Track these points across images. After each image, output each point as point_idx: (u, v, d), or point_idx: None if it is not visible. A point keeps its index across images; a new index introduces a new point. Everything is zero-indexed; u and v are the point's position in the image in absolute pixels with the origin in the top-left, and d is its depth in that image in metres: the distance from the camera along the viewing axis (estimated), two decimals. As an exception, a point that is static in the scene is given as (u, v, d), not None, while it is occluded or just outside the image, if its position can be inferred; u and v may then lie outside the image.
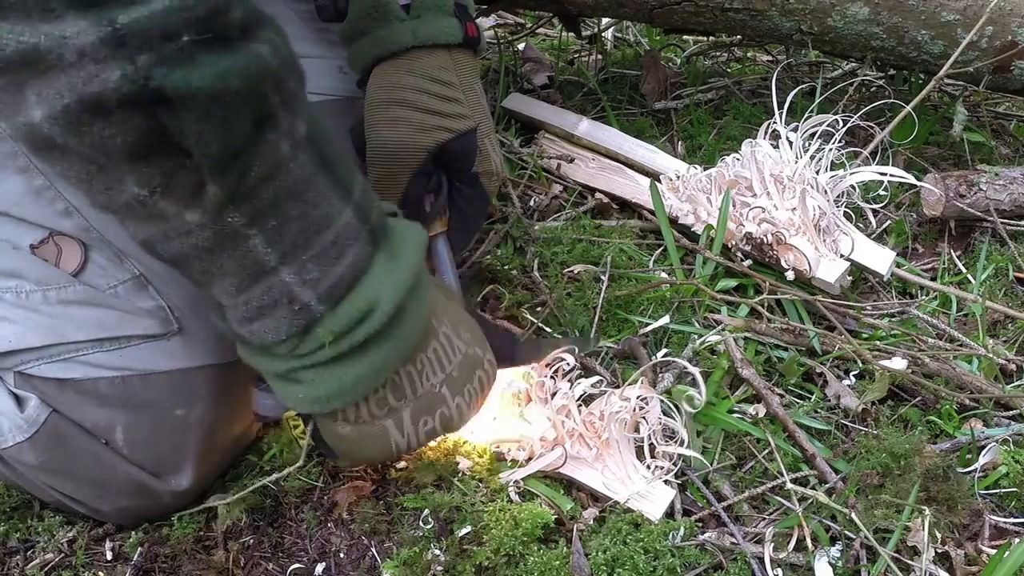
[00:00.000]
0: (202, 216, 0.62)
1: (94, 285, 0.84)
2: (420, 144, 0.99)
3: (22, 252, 0.83)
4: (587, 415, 0.90)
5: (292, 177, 0.64)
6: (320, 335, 0.69)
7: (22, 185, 0.82)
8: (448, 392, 0.80)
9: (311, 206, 0.66)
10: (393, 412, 0.78)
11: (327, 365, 0.71)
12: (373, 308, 0.70)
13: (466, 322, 0.85)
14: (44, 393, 0.85)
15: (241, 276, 0.66)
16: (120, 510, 0.90)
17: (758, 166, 1.17)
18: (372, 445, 0.79)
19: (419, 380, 0.78)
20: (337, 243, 0.68)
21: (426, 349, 0.78)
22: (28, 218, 0.83)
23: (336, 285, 0.69)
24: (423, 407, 0.79)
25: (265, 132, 0.61)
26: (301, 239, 0.66)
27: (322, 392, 0.72)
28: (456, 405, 0.82)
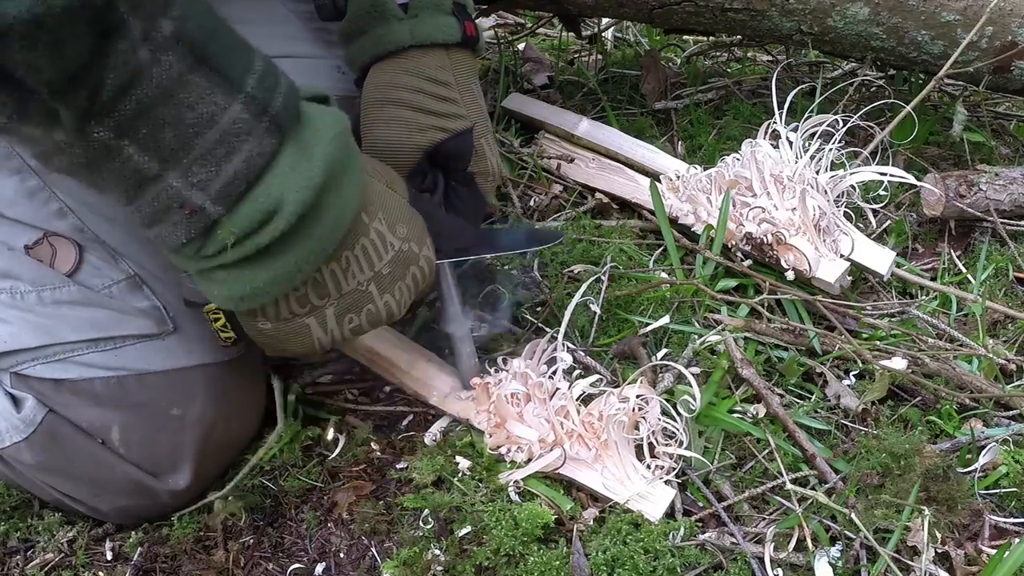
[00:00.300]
0: (67, 135, 0.60)
1: (89, 285, 0.84)
2: (415, 143, 0.99)
3: (16, 253, 0.83)
4: (586, 415, 0.90)
5: (156, 82, 0.60)
6: (221, 236, 0.66)
7: (16, 186, 0.82)
8: (376, 290, 0.78)
9: (185, 108, 0.62)
10: (316, 310, 0.76)
11: (237, 266, 0.69)
12: (276, 208, 0.66)
13: (404, 216, 0.81)
14: (40, 393, 0.85)
15: (126, 186, 0.64)
16: (119, 509, 0.90)
17: (758, 166, 1.17)
18: (294, 340, 0.78)
19: (344, 278, 0.76)
20: (224, 141, 0.63)
21: (353, 247, 0.75)
22: (22, 219, 0.83)
23: (229, 184, 0.65)
24: (348, 305, 0.77)
25: (114, 42, 0.58)
26: (179, 143, 0.62)
27: (236, 292, 0.70)
28: (384, 302, 0.79)
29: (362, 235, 0.76)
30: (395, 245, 0.79)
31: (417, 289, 0.83)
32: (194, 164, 0.63)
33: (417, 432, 0.98)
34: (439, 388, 0.99)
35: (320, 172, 0.67)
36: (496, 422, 0.92)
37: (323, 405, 1.02)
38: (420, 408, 1.01)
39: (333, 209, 0.70)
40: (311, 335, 0.78)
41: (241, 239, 0.66)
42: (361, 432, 0.98)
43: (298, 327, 0.77)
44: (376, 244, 0.77)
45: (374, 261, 0.77)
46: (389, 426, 1.00)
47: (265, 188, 0.66)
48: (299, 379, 1.03)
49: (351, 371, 1.06)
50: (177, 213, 0.65)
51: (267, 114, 0.65)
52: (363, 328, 0.81)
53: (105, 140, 0.60)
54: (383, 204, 0.79)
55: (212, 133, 0.63)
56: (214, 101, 0.63)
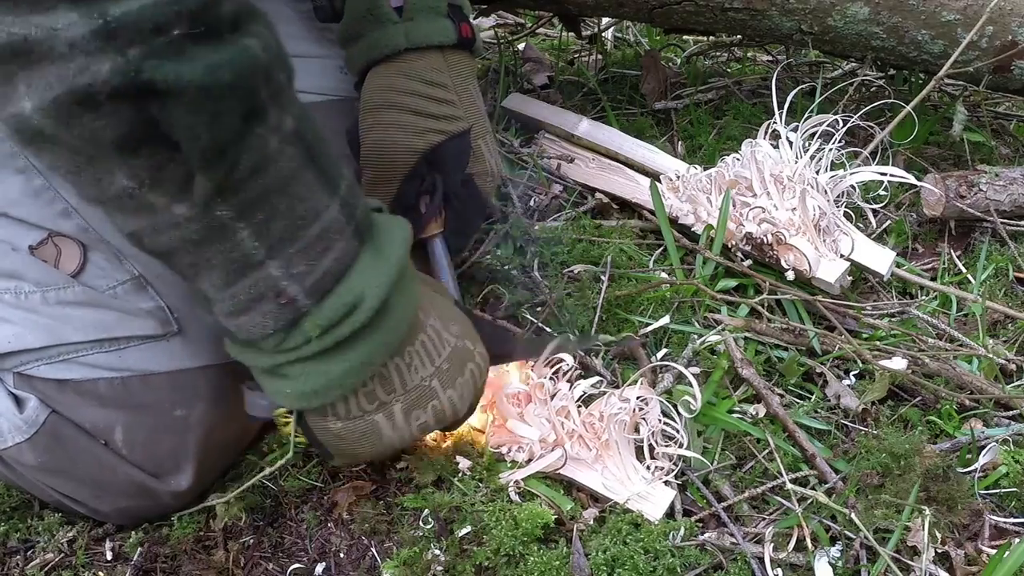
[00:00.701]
0: (190, 209, 0.62)
1: (93, 286, 0.84)
2: (412, 146, 1.00)
3: (21, 253, 0.83)
4: (586, 416, 0.90)
5: (280, 171, 0.64)
6: (307, 329, 0.69)
7: (21, 186, 0.82)
8: (439, 385, 0.80)
9: (298, 200, 0.66)
10: (383, 406, 0.78)
11: (313, 360, 0.71)
12: (359, 302, 0.70)
13: (455, 316, 0.85)
14: (43, 394, 0.85)
15: (228, 269, 0.66)
16: (120, 510, 0.90)
17: (758, 166, 1.17)
18: (364, 441, 0.79)
19: (408, 373, 0.78)
20: (323, 237, 0.68)
21: (414, 343, 0.78)
22: (27, 219, 0.83)
23: (322, 279, 0.69)
24: (414, 401, 0.79)
25: (254, 126, 0.62)
26: (288, 233, 0.66)
27: (309, 387, 0.72)
28: (448, 398, 0.81)
29: (421, 332, 0.79)
30: (451, 342, 0.82)
31: (475, 386, 0.85)
32: (296, 255, 0.67)
33: (417, 432, 0.98)
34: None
35: (394, 271, 0.72)
36: (497, 422, 0.92)
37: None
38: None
39: (401, 305, 0.74)
40: (380, 434, 0.79)
41: (324, 332, 0.69)
42: (361, 432, 0.98)
43: (367, 425, 0.78)
44: (434, 340, 0.80)
45: (434, 356, 0.80)
46: (389, 426, 1.00)
47: (348, 285, 0.70)
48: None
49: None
50: (272, 302, 0.68)
51: (354, 219, 0.71)
52: (430, 425, 0.82)
53: (224, 219, 0.63)
54: (434, 304, 0.82)
55: (315, 228, 0.67)
56: (318, 199, 0.67)
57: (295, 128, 0.65)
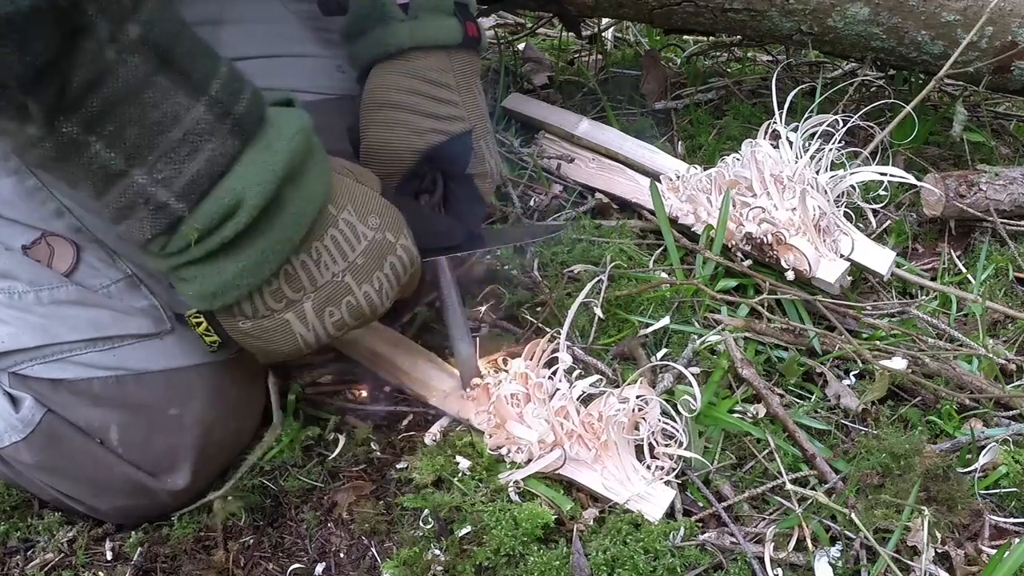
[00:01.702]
0: (38, 129, 0.62)
1: (87, 285, 0.84)
2: (413, 146, 0.99)
3: (14, 253, 0.83)
4: (586, 416, 0.90)
5: (122, 81, 0.63)
6: (186, 232, 0.69)
7: (13, 186, 0.82)
8: (353, 280, 0.79)
9: (150, 107, 0.65)
10: (292, 304, 0.76)
11: (204, 262, 0.71)
12: (239, 203, 0.69)
13: (376, 207, 0.82)
14: (39, 393, 0.85)
15: (94, 181, 0.66)
16: (117, 509, 0.90)
17: (758, 166, 1.17)
18: (277, 339, 0.78)
19: (317, 270, 0.76)
20: (187, 140, 0.67)
21: (322, 238, 0.76)
22: (20, 219, 0.83)
23: (193, 182, 0.67)
24: (326, 297, 0.78)
25: (80, 41, 0.61)
26: (144, 140, 0.65)
27: (207, 288, 0.72)
28: (364, 293, 0.80)
29: (331, 226, 0.77)
30: (368, 235, 0.79)
31: (399, 280, 0.83)
32: (158, 162, 0.66)
33: (417, 432, 0.98)
34: (439, 388, 0.99)
35: (281, 166, 0.70)
36: (496, 422, 0.92)
37: (323, 405, 1.02)
38: (420, 408, 1.01)
39: (296, 201, 0.72)
40: (292, 331, 0.78)
41: (205, 235, 0.69)
42: (361, 432, 0.98)
43: (278, 323, 0.77)
44: (347, 234, 0.78)
45: (346, 251, 0.78)
46: (389, 426, 1.00)
47: (227, 185, 0.68)
48: (299, 379, 1.03)
49: (351, 371, 1.06)
50: (143, 209, 0.68)
51: (230, 116, 0.68)
52: (346, 321, 0.80)
53: (72, 135, 0.63)
54: (351, 196, 0.80)
55: (175, 132, 0.66)
56: (177, 102, 0.66)
57: (141, 35, 0.63)
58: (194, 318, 0.78)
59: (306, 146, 0.73)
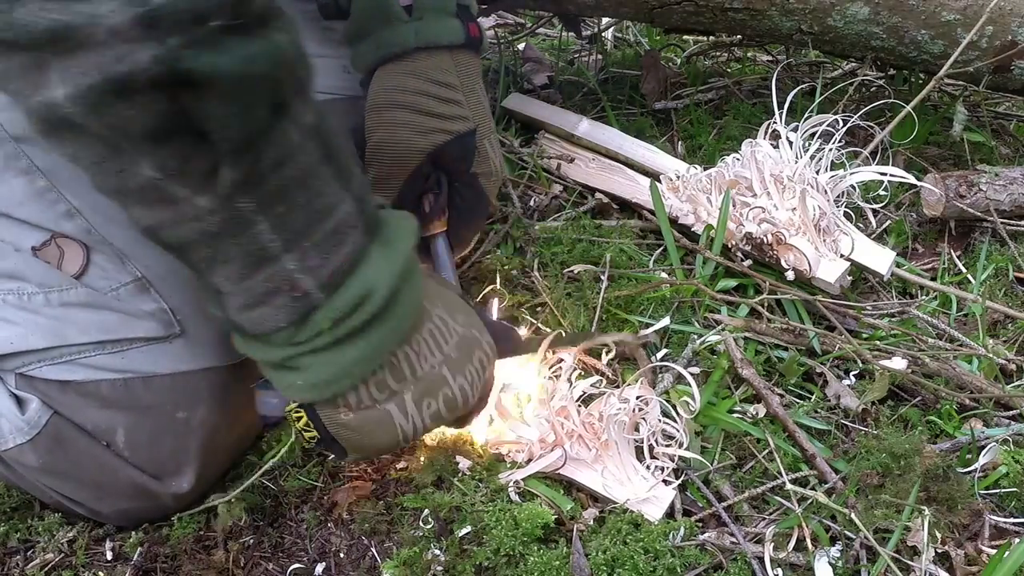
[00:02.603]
0: (212, 201, 0.62)
1: (96, 287, 0.84)
2: (418, 146, 1.00)
3: (24, 254, 0.83)
4: (586, 416, 0.90)
5: (300, 165, 0.65)
6: (319, 322, 0.70)
7: (24, 187, 0.82)
8: (448, 372, 0.80)
9: (315, 195, 0.67)
10: (394, 395, 0.77)
11: (325, 351, 0.72)
12: (370, 293, 0.71)
13: (460, 306, 0.85)
14: (45, 395, 0.85)
15: (245, 262, 0.66)
16: (120, 512, 0.90)
17: (758, 166, 1.17)
18: (377, 431, 0.78)
19: (417, 362, 0.78)
20: (338, 231, 0.69)
21: (421, 331, 0.78)
22: (30, 220, 0.83)
23: (335, 273, 0.69)
24: (425, 389, 0.79)
25: (280, 119, 0.62)
26: (305, 227, 0.67)
27: (320, 377, 0.73)
28: (459, 385, 0.81)
29: (428, 320, 0.79)
30: (458, 331, 0.82)
31: (484, 374, 0.85)
32: (312, 249, 0.68)
33: (417, 432, 0.98)
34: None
35: (402, 264, 0.73)
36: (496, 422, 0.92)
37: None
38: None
39: (408, 295, 0.75)
40: (393, 423, 0.78)
41: (335, 324, 0.70)
42: (361, 432, 0.98)
43: (379, 415, 0.78)
44: (441, 328, 0.81)
45: (442, 344, 0.80)
46: (389, 426, 1.00)
47: (360, 277, 0.71)
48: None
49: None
50: (286, 295, 0.68)
51: (365, 214, 0.72)
52: (442, 415, 0.81)
53: (247, 211, 0.64)
54: (439, 295, 0.83)
55: (330, 223, 0.68)
56: (334, 194, 0.68)
57: (315, 123, 0.66)
58: (295, 413, 0.79)
59: (414, 247, 0.76)
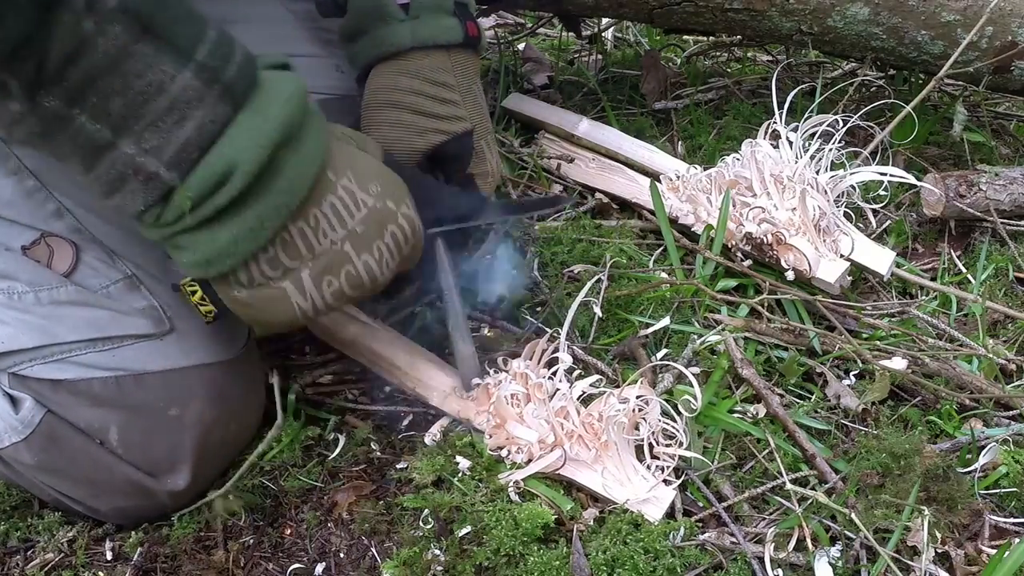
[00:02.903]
0: (20, 105, 0.62)
1: (86, 285, 0.84)
2: (414, 146, 0.99)
3: (14, 253, 0.83)
4: (586, 416, 0.90)
5: (102, 52, 0.62)
6: (179, 202, 0.67)
7: (13, 187, 0.82)
8: (352, 249, 0.76)
9: (133, 76, 0.63)
10: (289, 272, 0.74)
11: (198, 229, 0.69)
12: (231, 170, 0.67)
13: (378, 174, 0.80)
14: (38, 394, 0.85)
15: (82, 155, 0.65)
16: (117, 510, 0.90)
17: (758, 166, 1.17)
18: (274, 308, 0.76)
19: (314, 237, 0.74)
20: (175, 108, 0.65)
21: (320, 204, 0.74)
22: (19, 219, 0.83)
23: (183, 150, 0.66)
24: (324, 266, 0.75)
25: (56, 14, 0.60)
26: (129, 110, 0.64)
27: (201, 256, 0.71)
28: (364, 262, 0.77)
29: (329, 192, 0.75)
30: (367, 202, 0.77)
31: (400, 251, 0.81)
32: (145, 131, 0.65)
33: (417, 432, 0.98)
34: (439, 388, 0.99)
35: (275, 131, 0.68)
36: (496, 423, 0.92)
37: (323, 405, 1.02)
38: (420, 408, 1.01)
39: (292, 166, 0.71)
40: (289, 300, 0.75)
41: (198, 203, 0.67)
42: (361, 432, 0.98)
43: (274, 292, 0.75)
44: (346, 201, 0.76)
45: (345, 218, 0.76)
46: (389, 426, 1.00)
47: (219, 152, 0.67)
48: (299, 379, 1.03)
49: (351, 371, 1.06)
50: (133, 180, 0.66)
51: (219, 82, 0.67)
52: (344, 291, 0.78)
53: (56, 109, 0.62)
54: (351, 162, 0.78)
55: (161, 101, 0.64)
56: (162, 70, 0.64)
57: (119, 3, 0.62)
58: (189, 287, 0.77)
59: (301, 110, 0.71)
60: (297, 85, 0.71)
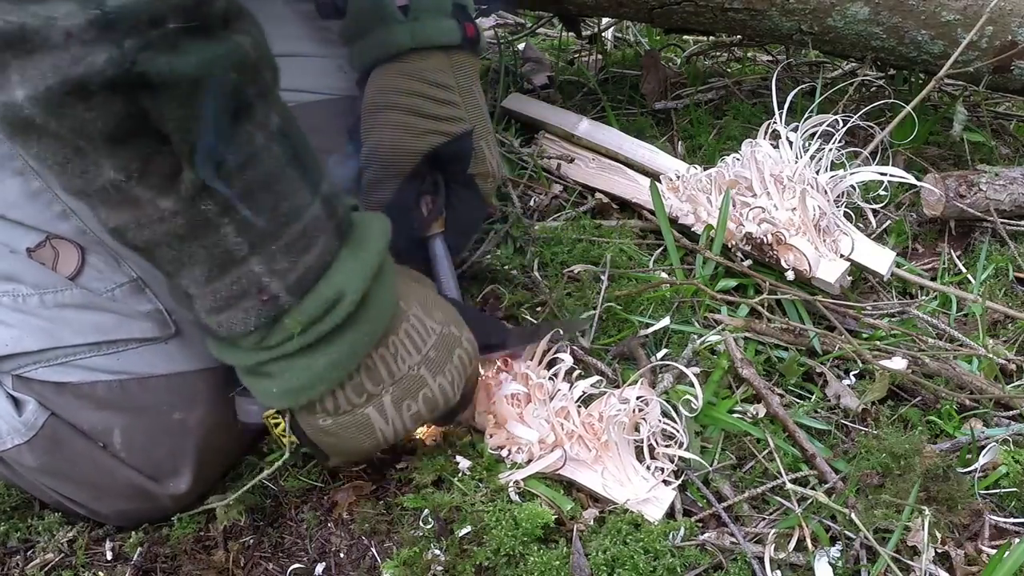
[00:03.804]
0: (176, 203, 0.62)
1: (91, 289, 0.84)
2: (414, 148, 1.00)
3: (19, 255, 0.83)
4: (586, 417, 0.90)
5: (265, 168, 0.65)
6: (288, 326, 0.69)
7: (19, 188, 0.82)
8: (428, 373, 0.80)
9: (282, 198, 0.66)
10: (373, 398, 0.77)
11: (296, 356, 0.71)
12: (340, 297, 0.70)
13: (438, 304, 0.84)
14: (42, 396, 0.85)
15: (211, 265, 0.66)
16: (119, 512, 0.90)
17: (758, 166, 1.17)
18: (356, 435, 0.78)
19: (394, 363, 0.78)
20: (306, 235, 0.68)
21: (397, 332, 0.78)
22: (25, 221, 0.83)
23: (304, 276, 0.69)
24: (404, 391, 0.79)
25: (242, 122, 0.62)
26: (271, 229, 0.66)
27: (294, 383, 0.73)
28: (439, 385, 0.81)
29: (404, 321, 0.79)
30: (436, 329, 0.82)
31: (466, 371, 0.85)
32: (279, 252, 0.67)
33: (417, 432, 0.98)
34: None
35: (373, 264, 0.73)
36: (497, 422, 0.92)
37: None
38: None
39: (381, 296, 0.75)
40: (372, 426, 0.78)
41: (306, 328, 0.70)
42: (361, 432, 0.98)
43: (359, 419, 0.78)
44: (417, 328, 0.80)
45: (420, 344, 0.80)
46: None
47: (329, 281, 0.70)
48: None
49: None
50: (253, 299, 0.68)
51: (336, 216, 0.71)
52: (422, 414, 0.81)
53: (211, 214, 0.63)
54: (415, 294, 0.82)
55: (298, 226, 0.68)
56: (302, 196, 0.68)
57: (280, 126, 0.66)
58: (272, 419, 0.79)
59: (386, 247, 0.76)
60: (384, 224, 0.76)
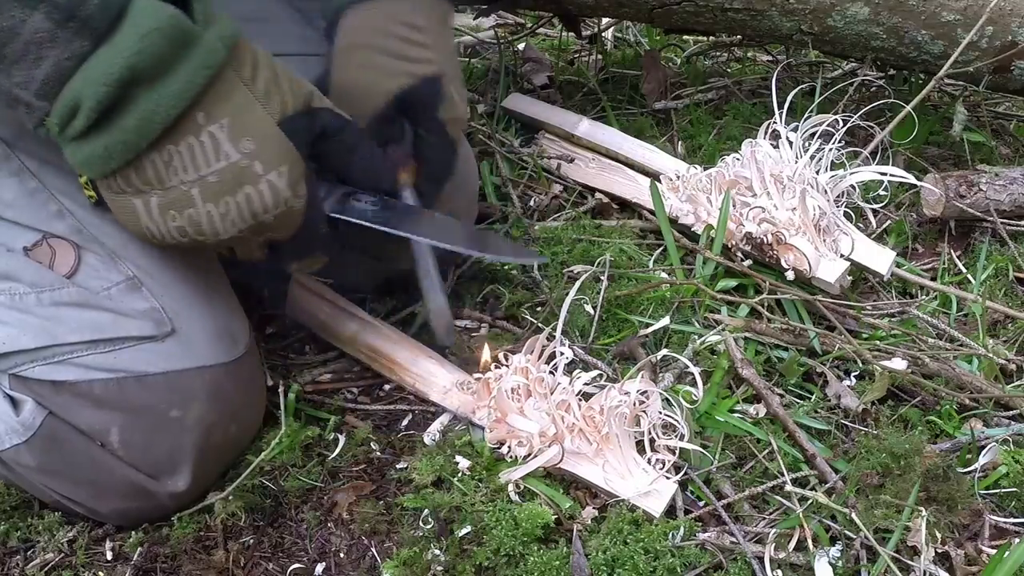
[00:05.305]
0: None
1: (88, 287, 0.84)
2: (383, 87, 0.96)
3: (16, 254, 0.83)
4: (587, 410, 0.90)
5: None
6: (51, 125, 0.73)
7: (15, 188, 0.82)
8: (199, 195, 0.77)
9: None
10: (139, 193, 0.77)
11: (72, 143, 0.74)
12: (78, 104, 0.71)
13: (262, 135, 0.79)
14: (39, 395, 0.85)
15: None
16: (118, 511, 0.90)
17: (758, 166, 1.17)
18: (126, 215, 0.79)
19: (165, 172, 0.76)
20: (29, 49, 0.69)
21: (177, 143, 0.75)
22: (21, 220, 0.83)
23: (44, 85, 0.71)
24: (169, 201, 0.77)
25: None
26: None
27: (75, 160, 0.76)
28: (207, 211, 0.78)
29: (190, 134, 0.76)
30: (231, 156, 0.77)
31: (254, 216, 0.79)
32: (12, 69, 0.70)
33: (417, 432, 0.98)
34: (439, 384, 0.99)
35: (121, 68, 0.70)
36: (497, 417, 0.92)
37: (323, 405, 1.02)
38: (420, 407, 1.01)
39: (146, 104, 0.73)
40: (138, 216, 0.78)
41: (63, 128, 0.73)
42: (361, 432, 0.98)
43: (126, 203, 0.78)
44: (205, 148, 0.76)
45: (200, 164, 0.76)
46: (389, 426, 1.00)
47: (71, 86, 0.71)
48: (299, 379, 1.03)
49: (350, 369, 1.06)
50: (16, 104, 0.72)
51: (75, 19, 0.69)
52: (187, 231, 0.79)
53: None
54: (236, 112, 0.77)
55: (17, 43, 0.69)
56: (11, 15, 0.69)
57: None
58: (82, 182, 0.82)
59: (167, 46, 0.71)
60: (169, 16, 0.72)
